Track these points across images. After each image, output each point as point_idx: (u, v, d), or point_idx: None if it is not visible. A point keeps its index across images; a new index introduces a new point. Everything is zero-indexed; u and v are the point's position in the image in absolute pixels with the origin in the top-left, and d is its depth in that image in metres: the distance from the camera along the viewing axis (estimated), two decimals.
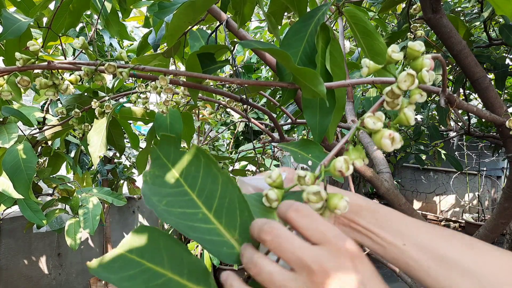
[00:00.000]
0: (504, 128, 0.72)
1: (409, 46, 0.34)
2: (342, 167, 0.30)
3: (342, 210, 0.30)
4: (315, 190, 0.30)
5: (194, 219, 0.32)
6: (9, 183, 0.98)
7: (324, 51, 0.55)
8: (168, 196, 0.33)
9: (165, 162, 0.35)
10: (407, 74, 0.32)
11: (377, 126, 0.32)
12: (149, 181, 0.33)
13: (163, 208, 0.32)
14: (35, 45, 0.55)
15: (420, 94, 0.34)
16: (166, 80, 0.58)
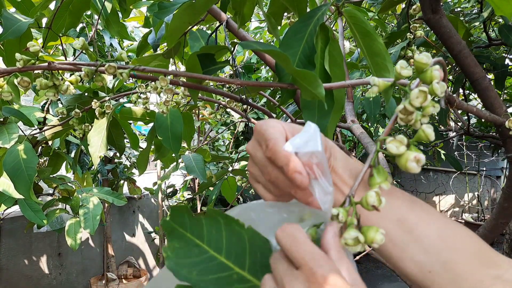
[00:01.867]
0: (504, 128, 0.72)
1: (416, 59, 0.33)
2: (375, 201, 0.30)
3: (379, 243, 0.29)
4: (353, 236, 0.29)
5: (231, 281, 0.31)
6: (10, 183, 0.98)
7: (323, 51, 0.55)
8: (197, 265, 0.32)
9: (182, 233, 0.33)
10: (419, 91, 0.31)
11: (401, 150, 0.31)
12: (172, 256, 0.32)
13: (196, 278, 0.31)
14: (35, 46, 0.55)
15: (433, 106, 0.33)
16: (166, 81, 0.58)
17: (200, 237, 0.33)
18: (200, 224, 0.34)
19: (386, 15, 1.49)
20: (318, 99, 0.47)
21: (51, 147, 1.09)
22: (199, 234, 0.33)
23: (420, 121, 0.33)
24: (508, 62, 1.18)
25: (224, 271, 0.32)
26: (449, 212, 4.27)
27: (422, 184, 4.49)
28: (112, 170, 2.16)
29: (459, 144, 3.47)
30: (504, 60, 1.15)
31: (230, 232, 0.33)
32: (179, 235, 0.33)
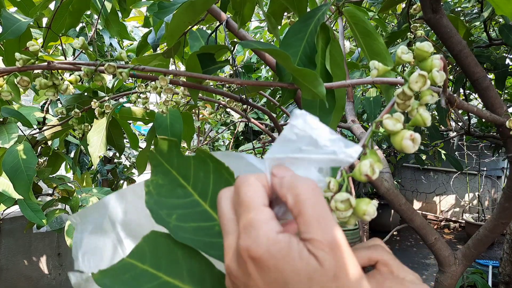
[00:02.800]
0: (504, 128, 0.72)
1: (417, 47, 0.33)
2: (368, 171, 0.28)
3: (371, 215, 0.27)
4: (344, 197, 0.27)
5: (211, 234, 0.28)
6: (9, 183, 0.98)
7: (324, 51, 0.55)
8: (178, 209, 0.29)
9: (168, 169, 0.30)
10: (419, 75, 0.31)
11: (397, 127, 0.30)
12: (153, 192, 0.29)
13: (175, 224, 0.28)
14: (35, 45, 0.55)
15: (432, 95, 0.32)
16: (166, 80, 0.58)
17: (186, 177, 0.30)
18: (188, 164, 0.30)
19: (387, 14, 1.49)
20: (319, 99, 0.47)
21: (51, 147, 1.09)
22: (185, 174, 0.30)
23: (417, 109, 0.33)
24: (508, 62, 1.18)
25: (206, 221, 0.29)
26: (449, 212, 4.27)
27: (422, 184, 4.49)
28: (112, 170, 2.16)
29: (460, 144, 3.47)
30: (504, 60, 1.15)
31: (218, 178, 0.31)
32: (165, 171, 0.30)
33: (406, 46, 0.35)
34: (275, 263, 0.20)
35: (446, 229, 4.15)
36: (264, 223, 0.21)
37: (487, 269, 2.03)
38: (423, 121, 0.32)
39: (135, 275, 0.26)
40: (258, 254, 0.20)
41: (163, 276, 0.26)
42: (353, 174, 0.30)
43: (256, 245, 0.20)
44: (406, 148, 0.29)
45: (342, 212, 0.27)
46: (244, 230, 0.21)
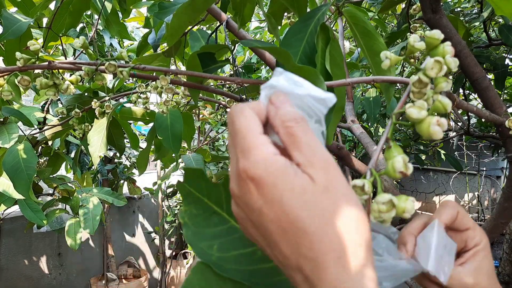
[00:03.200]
0: (504, 128, 0.72)
1: (428, 35, 0.32)
2: (402, 167, 0.27)
3: (411, 212, 0.27)
4: (387, 199, 0.27)
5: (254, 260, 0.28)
6: (10, 183, 0.98)
7: (324, 51, 0.55)
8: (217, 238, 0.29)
9: (199, 197, 0.30)
10: (435, 61, 0.30)
11: (422, 114, 0.29)
12: (189, 223, 0.29)
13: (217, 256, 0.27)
14: (36, 44, 0.55)
15: (446, 82, 0.32)
16: (167, 80, 0.58)
17: (219, 204, 0.30)
18: (218, 191, 0.30)
19: (386, 15, 1.49)
20: None
21: (51, 147, 1.09)
22: (217, 200, 0.30)
23: (432, 97, 0.32)
24: (508, 62, 1.18)
25: (246, 247, 0.28)
26: None
27: (422, 184, 4.49)
28: (112, 170, 2.16)
29: (459, 144, 3.47)
30: (504, 60, 1.15)
31: None
32: (196, 199, 0.30)
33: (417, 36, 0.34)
34: (273, 181, 0.22)
35: None
36: (260, 146, 0.23)
37: None
38: (444, 107, 0.30)
39: None
40: (257, 174, 0.22)
41: None
42: (386, 172, 0.29)
43: (254, 166, 0.22)
44: (435, 134, 0.28)
45: (385, 214, 0.27)
46: (241, 154, 0.23)
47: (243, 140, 0.23)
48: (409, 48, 0.34)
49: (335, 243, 0.21)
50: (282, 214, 0.22)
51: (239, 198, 0.23)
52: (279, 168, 0.22)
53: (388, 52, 0.35)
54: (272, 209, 0.22)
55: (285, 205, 0.21)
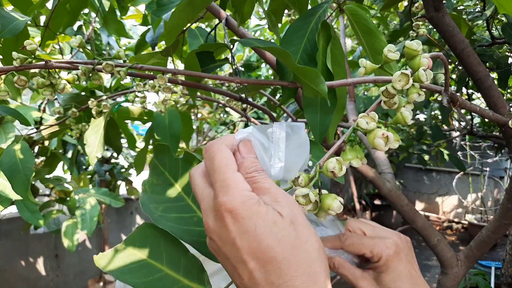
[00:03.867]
0: (507, 128, 0.71)
1: (406, 45, 0.34)
2: (335, 167, 0.30)
3: (336, 210, 0.30)
4: (304, 193, 0.30)
5: (190, 223, 0.34)
6: (7, 183, 0.97)
7: (325, 49, 0.54)
8: (165, 202, 0.35)
9: (162, 171, 0.36)
10: (401, 73, 0.33)
11: (370, 126, 0.32)
12: (148, 190, 0.35)
13: (159, 214, 0.34)
14: (32, 44, 0.54)
15: (418, 94, 0.34)
16: (165, 79, 0.57)
17: (175, 177, 0.36)
18: (177, 166, 0.37)
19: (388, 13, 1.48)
20: (321, 97, 0.46)
21: (48, 147, 1.08)
22: (175, 174, 0.36)
23: (404, 106, 0.34)
24: (511, 61, 1.17)
25: (187, 212, 0.35)
26: (452, 213, 4.26)
27: (424, 185, 4.47)
28: (110, 171, 2.14)
29: (462, 144, 3.45)
30: (507, 59, 1.14)
31: None
32: (159, 172, 0.37)
33: (393, 45, 0.36)
34: (249, 214, 0.25)
35: (449, 230, 4.14)
36: (238, 183, 0.26)
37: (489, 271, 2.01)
38: (404, 119, 0.33)
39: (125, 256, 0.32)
40: (235, 207, 0.25)
41: (147, 258, 0.32)
42: (322, 171, 0.32)
43: (232, 200, 0.25)
44: (378, 146, 0.31)
45: (304, 206, 0.30)
46: (221, 189, 0.26)
47: (223, 176, 0.26)
48: (384, 58, 0.35)
49: (301, 269, 0.24)
50: (255, 244, 0.24)
51: (214, 232, 0.26)
52: (254, 203, 0.25)
53: (364, 60, 0.37)
54: (246, 239, 0.24)
55: (258, 235, 0.24)
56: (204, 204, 0.27)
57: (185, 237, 0.33)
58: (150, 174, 0.36)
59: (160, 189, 0.36)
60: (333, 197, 0.31)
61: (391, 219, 3.96)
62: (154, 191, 0.36)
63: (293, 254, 0.24)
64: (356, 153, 0.33)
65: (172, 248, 0.33)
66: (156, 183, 0.36)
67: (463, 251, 0.88)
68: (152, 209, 0.34)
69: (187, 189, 0.36)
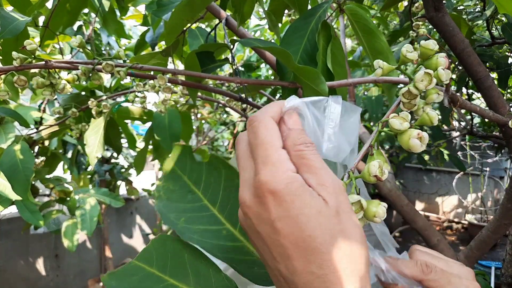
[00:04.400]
0: (507, 128, 0.71)
1: (422, 45, 0.33)
2: (377, 171, 0.28)
3: (381, 217, 0.28)
4: (355, 199, 0.28)
5: (219, 237, 0.29)
6: (7, 183, 0.97)
7: (325, 49, 0.54)
8: (187, 212, 0.30)
9: (180, 175, 0.32)
10: (425, 73, 0.31)
11: (404, 126, 0.30)
12: (164, 197, 0.31)
13: (183, 226, 0.29)
14: (32, 44, 0.54)
15: (438, 93, 0.32)
16: (165, 79, 0.57)
17: (197, 183, 0.32)
18: (200, 170, 0.32)
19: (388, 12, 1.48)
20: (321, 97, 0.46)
21: (48, 147, 1.08)
22: (196, 180, 0.32)
23: (423, 108, 0.33)
24: (511, 61, 1.17)
25: (213, 225, 0.30)
26: (452, 213, 4.25)
27: (425, 185, 4.47)
28: (110, 171, 2.14)
29: (462, 144, 3.45)
30: (507, 59, 1.14)
31: (229, 185, 0.32)
32: (176, 177, 0.32)
33: (410, 44, 0.35)
34: (292, 198, 0.23)
35: (449, 230, 4.13)
36: (282, 162, 0.24)
37: (489, 271, 2.01)
38: (430, 120, 0.31)
39: (142, 278, 0.26)
40: (278, 189, 0.23)
41: (169, 279, 0.27)
42: (362, 176, 0.30)
43: (276, 180, 0.23)
44: (414, 147, 0.29)
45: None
46: (264, 167, 0.24)
47: (265, 153, 0.24)
48: (402, 58, 0.34)
49: (343, 263, 0.23)
50: (298, 231, 0.23)
51: (250, 208, 0.24)
52: (299, 187, 0.23)
53: (381, 61, 0.35)
54: (287, 224, 0.23)
55: (301, 223, 0.23)
56: (244, 175, 0.25)
57: (218, 254, 0.28)
58: (164, 179, 0.32)
59: (178, 196, 0.31)
60: (377, 203, 0.29)
61: (391, 219, 3.96)
62: (171, 198, 0.31)
63: (337, 248, 0.23)
64: (383, 157, 0.31)
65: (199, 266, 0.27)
66: (172, 189, 0.31)
67: (463, 251, 0.88)
68: (172, 219, 0.30)
69: (212, 196, 0.31)
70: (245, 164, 0.26)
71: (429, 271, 0.31)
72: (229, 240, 0.29)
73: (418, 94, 0.32)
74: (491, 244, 0.90)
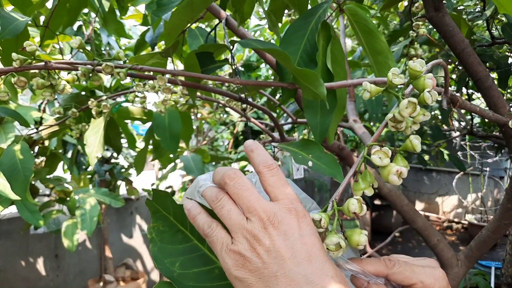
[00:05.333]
0: (507, 128, 0.71)
1: (409, 66, 0.34)
2: (356, 208, 0.30)
3: (363, 244, 0.30)
4: (335, 242, 0.30)
5: (212, 278, 0.31)
6: (6, 183, 0.97)
7: (325, 49, 0.54)
8: (180, 255, 0.32)
9: (166, 215, 0.33)
10: (409, 102, 0.33)
11: (384, 162, 0.32)
12: (156, 239, 0.32)
13: (178, 272, 0.30)
14: (32, 45, 0.54)
15: (424, 115, 0.34)
16: (164, 80, 0.57)
17: (183, 224, 0.33)
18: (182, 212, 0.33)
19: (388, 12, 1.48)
20: (320, 99, 0.46)
21: (48, 147, 1.08)
22: (182, 220, 0.33)
23: (411, 128, 0.34)
24: (511, 61, 1.17)
25: (206, 265, 0.31)
26: (452, 213, 4.25)
27: (424, 185, 4.47)
28: (109, 171, 2.14)
29: (462, 144, 3.45)
30: (507, 59, 1.14)
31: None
32: (163, 217, 0.33)
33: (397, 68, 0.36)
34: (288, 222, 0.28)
35: (449, 230, 4.13)
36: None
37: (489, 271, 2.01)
38: (413, 148, 0.33)
39: None
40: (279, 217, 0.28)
41: None
42: (342, 209, 0.32)
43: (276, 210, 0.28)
44: (393, 182, 0.32)
45: (334, 252, 0.30)
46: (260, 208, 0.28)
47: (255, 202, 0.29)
48: (388, 82, 0.35)
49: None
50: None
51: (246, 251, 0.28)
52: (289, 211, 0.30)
53: (368, 84, 0.36)
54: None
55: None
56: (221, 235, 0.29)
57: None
58: (153, 219, 0.33)
59: (169, 236, 0.32)
60: (359, 232, 0.31)
61: (391, 219, 3.96)
62: (163, 240, 0.32)
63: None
64: (367, 181, 0.33)
65: None
66: (163, 230, 0.32)
67: (463, 251, 0.88)
68: (168, 265, 0.30)
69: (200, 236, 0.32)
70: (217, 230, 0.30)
71: (392, 265, 0.32)
72: (221, 278, 0.31)
73: (402, 120, 0.34)
74: (491, 244, 0.90)
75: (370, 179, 0.33)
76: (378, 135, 0.36)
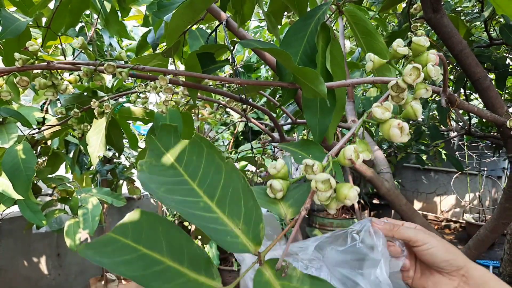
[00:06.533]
0: (505, 128, 0.72)
1: (414, 41, 0.33)
2: (352, 155, 0.29)
3: (352, 200, 0.29)
4: (324, 178, 0.29)
5: (196, 208, 0.31)
6: (9, 183, 0.97)
7: (324, 50, 0.54)
8: (167, 184, 0.32)
9: (163, 152, 0.34)
10: (413, 67, 0.32)
11: (385, 116, 0.31)
12: (146, 170, 0.32)
13: (163, 194, 0.31)
14: (34, 45, 0.54)
15: (426, 89, 0.33)
16: (166, 80, 0.58)
17: (179, 160, 0.33)
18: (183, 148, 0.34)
19: (387, 14, 1.49)
20: (320, 98, 0.46)
21: (50, 147, 1.08)
22: (178, 157, 0.33)
23: (411, 103, 0.33)
24: (509, 61, 1.18)
25: (191, 197, 0.32)
26: (450, 213, 4.26)
27: (423, 184, 4.48)
28: (111, 171, 2.15)
29: (460, 144, 3.46)
30: (505, 60, 1.14)
31: (210, 162, 0.34)
32: (159, 153, 0.34)
33: (402, 40, 0.35)
34: None
35: (447, 229, 4.14)
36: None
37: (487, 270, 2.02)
38: (414, 113, 0.32)
39: (116, 248, 0.27)
40: None
41: (142, 249, 0.27)
42: (338, 159, 0.31)
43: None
44: (394, 137, 0.30)
45: (322, 193, 0.29)
46: None
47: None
48: (393, 52, 0.34)
49: None
50: None
51: None
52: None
53: (372, 54, 0.36)
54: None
55: None
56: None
57: (193, 220, 0.30)
58: (148, 155, 0.33)
59: (159, 170, 0.33)
60: (349, 186, 0.29)
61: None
62: (152, 172, 0.32)
63: None
64: (365, 146, 0.32)
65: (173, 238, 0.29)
66: (155, 164, 0.33)
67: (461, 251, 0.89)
68: (154, 188, 0.31)
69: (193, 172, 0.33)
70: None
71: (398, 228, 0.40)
72: (205, 211, 0.31)
73: (406, 88, 0.33)
74: (489, 243, 0.91)
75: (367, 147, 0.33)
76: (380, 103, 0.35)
